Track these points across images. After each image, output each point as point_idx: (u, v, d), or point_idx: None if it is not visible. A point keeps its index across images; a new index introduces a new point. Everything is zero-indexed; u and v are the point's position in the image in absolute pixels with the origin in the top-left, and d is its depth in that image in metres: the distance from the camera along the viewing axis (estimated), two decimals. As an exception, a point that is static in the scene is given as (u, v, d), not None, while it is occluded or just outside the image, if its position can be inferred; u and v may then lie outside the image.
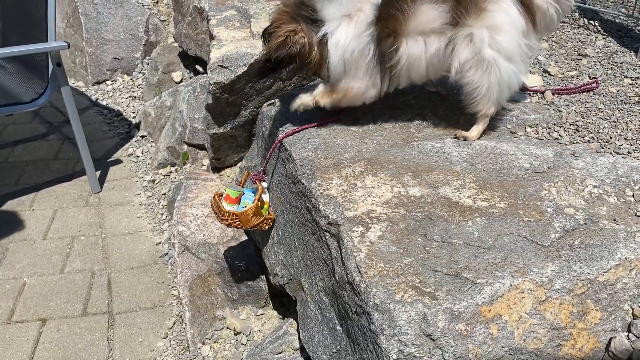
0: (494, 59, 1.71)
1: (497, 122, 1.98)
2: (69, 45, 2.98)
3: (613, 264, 1.40)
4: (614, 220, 1.52)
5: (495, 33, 1.69)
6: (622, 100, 2.14)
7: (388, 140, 1.90)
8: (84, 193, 3.17)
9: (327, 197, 1.63)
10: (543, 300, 1.34)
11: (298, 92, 2.29)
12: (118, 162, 3.50)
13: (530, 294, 1.33)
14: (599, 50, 2.59)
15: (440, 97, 2.16)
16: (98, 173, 3.27)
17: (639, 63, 2.44)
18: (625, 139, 1.89)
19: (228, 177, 2.78)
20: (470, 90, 1.79)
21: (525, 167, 1.74)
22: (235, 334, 2.26)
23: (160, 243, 2.80)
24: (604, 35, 2.76)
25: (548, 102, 2.16)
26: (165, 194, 3.11)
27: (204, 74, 3.51)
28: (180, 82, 3.92)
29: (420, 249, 1.44)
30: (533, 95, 2.21)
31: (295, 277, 1.85)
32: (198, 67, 3.76)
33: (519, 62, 1.77)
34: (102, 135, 3.77)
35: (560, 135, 1.93)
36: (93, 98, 4.21)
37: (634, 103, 2.12)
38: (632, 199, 1.62)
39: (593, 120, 2.00)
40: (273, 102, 2.26)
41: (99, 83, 4.36)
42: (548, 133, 1.95)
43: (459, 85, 1.86)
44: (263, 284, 2.39)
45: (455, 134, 1.90)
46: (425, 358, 1.25)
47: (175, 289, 2.51)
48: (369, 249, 1.44)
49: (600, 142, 1.88)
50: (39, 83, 2.96)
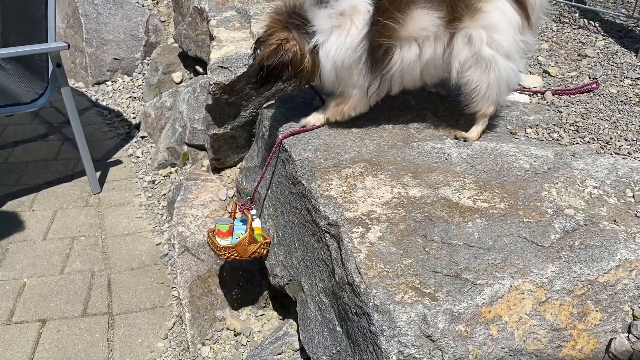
0: (493, 57, 1.72)
1: (497, 122, 1.99)
2: (69, 46, 2.98)
3: (613, 265, 1.40)
4: (614, 221, 1.52)
5: (493, 32, 1.70)
6: (622, 101, 2.14)
7: (388, 141, 1.90)
8: (84, 194, 3.17)
9: (327, 197, 1.63)
10: (543, 301, 1.34)
11: (298, 92, 2.29)
12: (118, 162, 3.49)
13: (530, 295, 1.33)
14: (599, 51, 2.59)
15: (440, 97, 2.16)
16: (98, 174, 3.27)
17: (639, 64, 2.44)
18: (626, 140, 1.88)
19: (228, 177, 2.78)
20: (470, 90, 1.79)
21: (526, 167, 1.74)
22: (235, 335, 2.26)
23: (160, 244, 2.80)
24: (604, 36, 2.76)
25: (548, 102, 2.16)
26: (165, 195, 3.11)
27: (204, 75, 3.51)
28: (181, 82, 3.92)
29: (420, 250, 1.44)
30: (533, 96, 2.21)
31: (295, 278, 1.85)
32: (198, 67, 3.76)
33: (517, 59, 1.78)
34: (102, 136, 3.77)
35: (561, 136, 1.93)
36: (93, 99, 4.21)
37: (634, 104, 2.12)
38: (632, 200, 1.62)
39: (593, 121, 2.00)
40: (273, 102, 2.26)
41: (99, 84, 4.35)
42: (548, 134, 1.95)
43: (459, 87, 1.86)
44: (263, 285, 2.38)
45: (455, 135, 1.90)
46: (425, 359, 1.25)
47: (175, 290, 2.51)
48: (369, 250, 1.44)
49: (601, 142, 1.88)
50: (39, 84, 2.96)
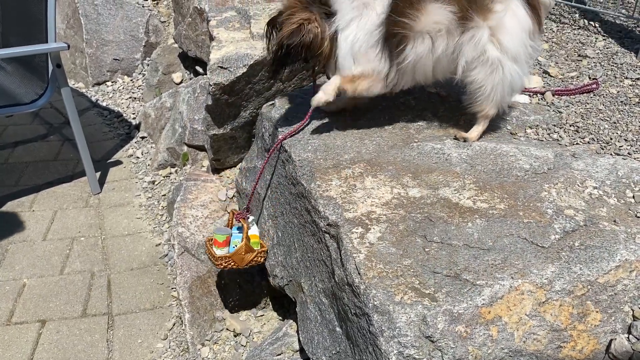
0: (499, 60, 1.70)
1: (497, 123, 1.98)
2: (69, 46, 2.98)
3: (613, 266, 1.39)
4: (614, 222, 1.52)
5: (502, 34, 1.68)
6: (622, 102, 2.14)
7: (388, 142, 1.90)
8: (84, 194, 3.17)
9: (326, 198, 1.63)
10: (543, 302, 1.34)
11: (298, 93, 2.29)
12: (118, 163, 3.49)
13: (530, 296, 1.33)
14: (599, 52, 2.59)
15: (440, 98, 2.16)
16: (98, 174, 3.27)
17: (639, 64, 2.44)
18: (626, 140, 1.88)
19: (228, 178, 2.78)
20: (474, 90, 1.78)
21: (525, 168, 1.73)
22: (235, 336, 2.26)
23: (160, 244, 2.79)
24: (604, 37, 2.76)
25: (548, 103, 2.16)
26: (165, 195, 3.10)
27: (204, 75, 3.51)
28: (180, 83, 3.92)
29: (420, 250, 1.43)
30: (533, 96, 2.21)
31: (295, 278, 1.85)
32: (198, 68, 3.76)
33: (524, 63, 1.76)
34: (102, 137, 3.77)
35: (561, 137, 1.93)
36: (93, 99, 4.21)
37: (634, 104, 2.11)
38: (632, 200, 1.61)
39: (593, 122, 2.00)
40: (273, 103, 2.26)
41: (99, 84, 4.35)
42: (548, 134, 1.95)
43: (460, 86, 1.85)
44: (263, 286, 2.38)
45: (455, 135, 1.89)
46: (425, 360, 1.24)
47: (175, 290, 2.51)
48: (369, 251, 1.43)
49: (601, 143, 1.88)
50: (39, 84, 2.96)
